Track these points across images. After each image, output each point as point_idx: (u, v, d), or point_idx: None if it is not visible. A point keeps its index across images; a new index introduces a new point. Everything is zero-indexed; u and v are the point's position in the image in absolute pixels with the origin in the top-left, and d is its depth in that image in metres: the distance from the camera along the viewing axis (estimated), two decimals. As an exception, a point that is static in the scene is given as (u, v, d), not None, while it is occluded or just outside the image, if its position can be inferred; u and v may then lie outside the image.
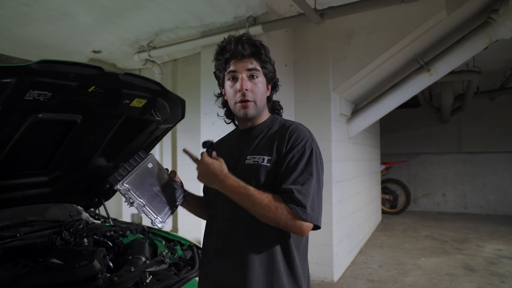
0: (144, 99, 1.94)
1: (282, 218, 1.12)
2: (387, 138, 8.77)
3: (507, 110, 8.33)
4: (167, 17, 3.80)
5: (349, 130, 4.71)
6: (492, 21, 3.70)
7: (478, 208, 8.60)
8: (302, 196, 1.13)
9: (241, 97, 1.26)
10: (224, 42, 1.32)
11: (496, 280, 4.05)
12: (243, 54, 1.26)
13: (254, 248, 1.21)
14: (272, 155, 1.23)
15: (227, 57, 1.29)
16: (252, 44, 1.29)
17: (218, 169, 1.20)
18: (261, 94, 1.30)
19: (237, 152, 1.33)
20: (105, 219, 2.69)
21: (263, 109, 1.35)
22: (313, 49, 4.19)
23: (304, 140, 1.22)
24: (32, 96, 1.47)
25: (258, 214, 1.15)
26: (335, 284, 4.01)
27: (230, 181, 1.18)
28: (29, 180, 2.06)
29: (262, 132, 1.32)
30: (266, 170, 1.22)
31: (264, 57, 1.30)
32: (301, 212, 1.11)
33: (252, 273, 1.19)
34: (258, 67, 1.29)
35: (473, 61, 6.03)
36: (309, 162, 1.19)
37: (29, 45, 4.24)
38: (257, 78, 1.28)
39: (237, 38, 1.29)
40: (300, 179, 1.16)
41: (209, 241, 1.36)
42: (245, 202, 1.15)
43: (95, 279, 1.75)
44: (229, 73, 1.29)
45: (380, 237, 6.24)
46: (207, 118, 4.01)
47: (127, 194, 1.18)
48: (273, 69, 1.37)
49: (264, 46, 1.32)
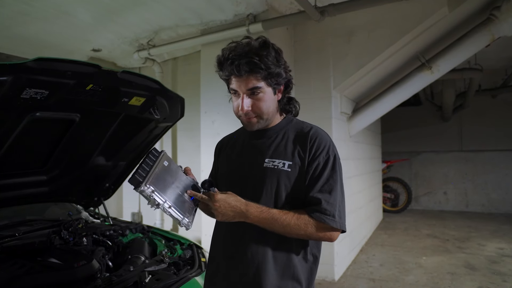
0: (142, 97, 1.92)
1: (313, 232, 1.15)
2: (388, 137, 8.75)
3: (509, 108, 8.29)
4: (167, 15, 3.78)
5: (350, 129, 4.69)
6: (494, 18, 3.67)
7: (479, 206, 8.57)
8: (330, 205, 1.16)
9: (243, 115, 1.24)
10: (221, 57, 1.23)
11: (498, 279, 4.03)
12: (241, 73, 1.19)
13: (268, 250, 1.20)
14: (293, 160, 1.22)
15: (226, 74, 1.24)
16: (249, 62, 1.17)
17: (237, 200, 1.16)
18: (266, 107, 1.24)
19: (252, 152, 1.30)
20: (104, 218, 2.68)
21: (274, 115, 1.30)
22: (314, 47, 4.17)
23: (327, 146, 1.23)
24: (29, 95, 1.46)
25: (288, 234, 1.16)
26: (336, 283, 3.99)
27: (253, 208, 1.16)
28: (27, 179, 2.06)
29: (278, 135, 1.29)
30: (286, 175, 1.21)
31: (264, 72, 1.18)
32: (331, 222, 1.14)
33: (267, 277, 1.17)
34: (258, 84, 1.20)
35: (475, 58, 5.99)
36: (333, 168, 1.20)
37: (29, 43, 4.23)
38: (259, 94, 1.22)
39: (234, 56, 1.18)
40: (326, 187, 1.18)
41: (218, 242, 1.33)
42: (274, 226, 1.15)
43: (94, 279, 1.74)
44: (231, 89, 1.26)
45: (381, 235, 6.23)
46: (207, 117, 3.99)
47: (152, 195, 1.11)
48: (283, 72, 1.25)
49: (265, 57, 1.18)
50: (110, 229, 2.36)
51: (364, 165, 5.85)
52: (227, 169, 1.38)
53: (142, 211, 5.22)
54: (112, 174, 2.46)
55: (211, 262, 1.36)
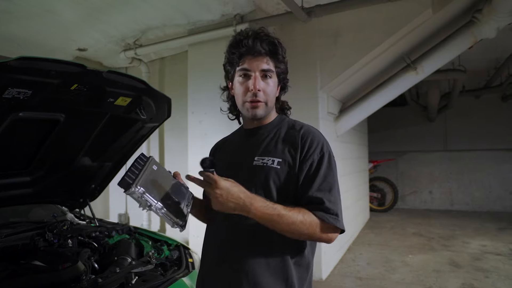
0: (128, 98, 1.91)
1: (316, 232, 1.09)
2: (375, 137, 8.85)
3: (492, 108, 8.47)
4: (154, 14, 3.76)
5: (337, 129, 4.73)
6: (476, 20, 3.75)
7: (464, 205, 8.74)
8: (333, 204, 1.11)
9: (252, 97, 1.20)
10: (240, 35, 1.22)
11: (481, 276, 4.11)
12: (260, 51, 1.19)
13: (261, 254, 1.15)
14: (283, 158, 1.18)
15: (242, 52, 1.21)
16: (271, 42, 1.21)
17: (242, 192, 1.05)
18: (273, 95, 1.25)
19: (243, 152, 1.27)
20: (90, 220, 2.64)
21: (272, 109, 1.30)
22: (301, 48, 4.19)
23: (320, 144, 1.19)
24: (12, 94, 1.43)
25: (291, 233, 1.08)
26: (324, 282, 4.02)
27: (258, 202, 1.05)
28: (10, 181, 2.02)
29: (270, 133, 1.27)
30: (276, 172, 1.16)
31: (280, 57, 1.24)
32: (335, 222, 1.10)
33: (259, 281, 1.12)
34: (272, 68, 1.22)
35: (459, 60, 6.11)
36: (329, 166, 1.17)
37: (12, 42, 4.15)
38: (270, 79, 1.22)
39: (255, 33, 1.20)
40: (325, 185, 1.13)
41: (209, 247, 1.29)
42: (278, 223, 1.06)
43: (79, 281, 1.72)
44: (242, 70, 1.21)
45: (368, 234, 6.30)
46: (194, 117, 3.98)
47: (142, 197, 1.07)
48: (286, 70, 1.30)
49: (282, 45, 1.24)
50: (96, 231, 2.33)
51: (351, 165, 5.90)
52: (220, 169, 1.36)
53: (129, 212, 5.17)
54: (98, 175, 2.43)
55: (202, 266, 1.32)
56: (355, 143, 6.28)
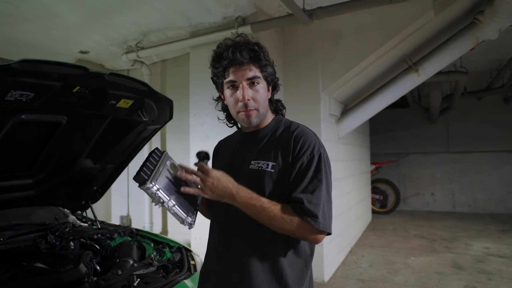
0: (130, 100, 1.91)
1: (297, 229, 1.11)
2: (377, 138, 8.83)
3: (493, 110, 8.46)
4: (155, 17, 3.76)
5: (339, 131, 4.72)
6: (478, 22, 3.74)
7: (466, 207, 8.71)
8: (313, 205, 1.11)
9: (243, 107, 1.22)
10: (220, 48, 1.24)
11: (484, 278, 4.10)
12: (242, 61, 1.19)
13: (255, 254, 1.18)
14: (277, 161, 1.20)
15: (224, 65, 1.23)
16: (251, 49, 1.21)
17: (230, 182, 1.14)
18: (263, 100, 1.25)
19: (240, 156, 1.30)
20: (92, 222, 2.65)
21: (266, 112, 1.30)
22: (302, 50, 4.19)
23: (312, 145, 1.19)
24: (14, 97, 1.44)
25: (273, 226, 1.13)
26: (326, 284, 4.01)
27: (244, 192, 1.13)
28: (13, 183, 2.02)
29: (267, 136, 1.29)
30: (270, 176, 1.18)
31: (264, 61, 1.24)
32: (313, 223, 1.10)
33: (253, 282, 1.16)
34: (258, 74, 1.23)
35: (460, 61, 6.11)
36: (318, 168, 1.16)
37: (15, 45, 4.16)
38: (258, 85, 1.23)
39: (234, 44, 1.21)
40: (310, 187, 1.14)
41: (211, 243, 1.33)
42: (260, 215, 1.12)
43: (81, 283, 1.72)
44: (228, 82, 1.23)
45: (370, 236, 6.28)
46: (196, 119, 3.98)
47: (157, 193, 1.10)
48: (273, 70, 1.30)
49: (262, 49, 1.25)
50: (98, 233, 2.33)
51: (353, 166, 5.90)
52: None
53: (131, 214, 5.17)
54: (100, 177, 2.43)
55: (204, 262, 1.37)
56: (357, 145, 6.28)
